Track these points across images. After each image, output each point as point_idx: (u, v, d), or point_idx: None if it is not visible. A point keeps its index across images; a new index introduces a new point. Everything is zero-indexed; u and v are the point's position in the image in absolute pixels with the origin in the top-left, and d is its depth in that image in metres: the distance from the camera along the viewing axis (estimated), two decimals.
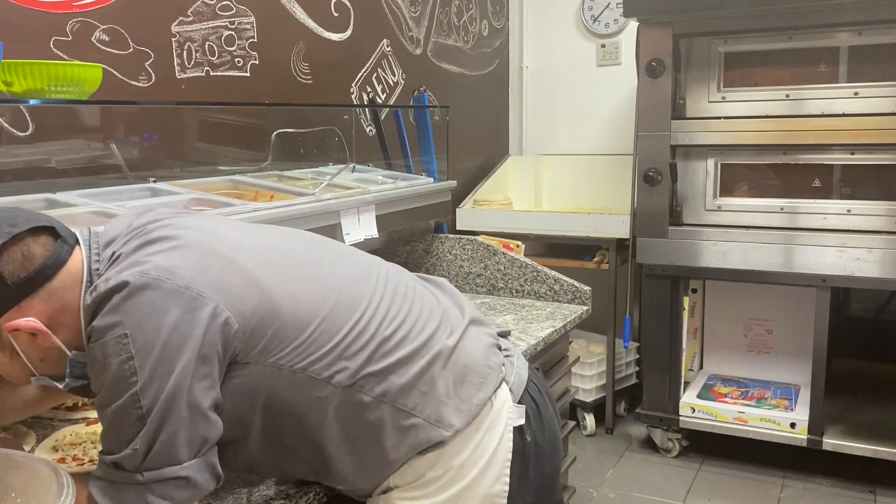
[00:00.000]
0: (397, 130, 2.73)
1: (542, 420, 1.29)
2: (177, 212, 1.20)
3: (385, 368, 1.13)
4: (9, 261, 1.00)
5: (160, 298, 0.98)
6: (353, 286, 1.17)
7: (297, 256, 1.18)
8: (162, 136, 2.06)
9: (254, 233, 1.19)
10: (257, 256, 1.11)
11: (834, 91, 2.89)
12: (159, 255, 1.03)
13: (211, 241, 1.09)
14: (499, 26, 4.03)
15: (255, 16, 2.35)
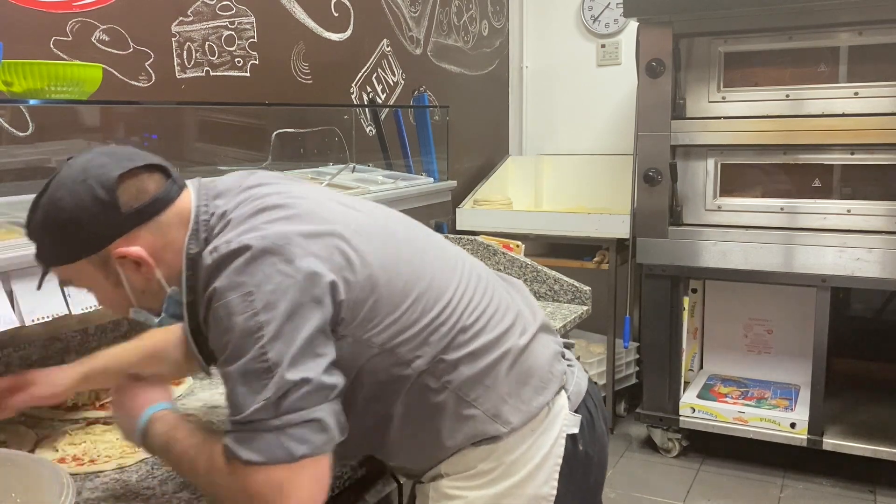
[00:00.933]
0: (397, 130, 2.73)
1: (594, 432, 1.31)
2: (282, 177, 1.23)
3: (458, 358, 1.15)
4: (124, 191, 1.07)
5: (281, 262, 1.02)
6: (441, 273, 1.20)
7: (396, 235, 1.21)
8: (162, 136, 2.06)
9: (357, 207, 1.22)
10: (362, 231, 1.13)
11: (834, 91, 2.89)
12: (277, 223, 1.07)
13: (322, 213, 1.12)
14: (499, 26, 4.03)
15: (255, 16, 2.35)
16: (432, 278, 1.17)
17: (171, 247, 1.11)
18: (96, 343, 1.82)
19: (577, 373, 1.34)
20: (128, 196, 1.07)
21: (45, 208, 1.07)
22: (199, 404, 1.61)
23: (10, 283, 1.26)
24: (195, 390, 1.69)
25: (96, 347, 1.81)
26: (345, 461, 1.29)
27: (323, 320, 1.03)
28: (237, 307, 1.00)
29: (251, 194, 1.13)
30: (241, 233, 1.05)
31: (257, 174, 1.20)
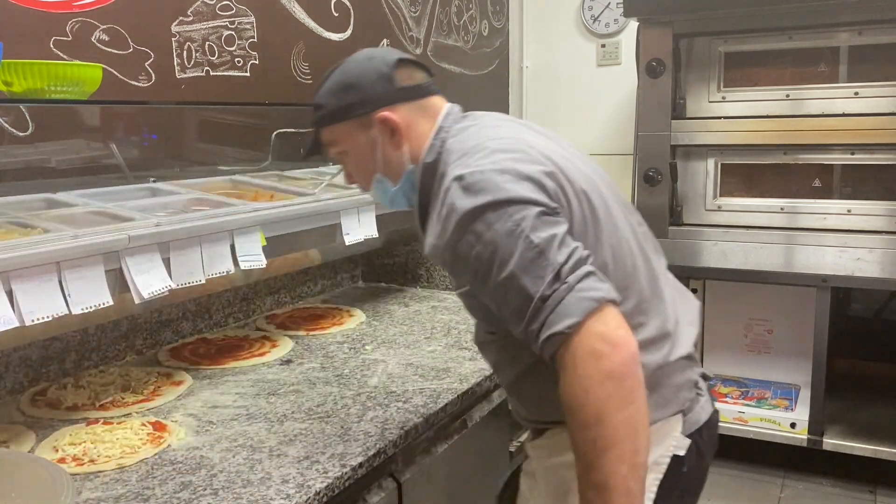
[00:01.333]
0: None
1: (700, 461, 1.32)
2: (504, 118, 1.39)
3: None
4: (400, 72, 1.31)
5: (525, 185, 1.14)
6: (636, 239, 1.30)
7: (609, 191, 1.32)
8: (162, 136, 2.06)
9: (574, 157, 1.34)
10: (582, 177, 1.26)
11: (834, 91, 2.89)
12: (508, 160, 1.18)
13: (552, 156, 1.24)
14: (499, 26, 4.03)
15: (255, 16, 2.35)
16: (630, 243, 1.27)
17: (420, 132, 1.30)
18: (96, 343, 1.83)
19: (704, 403, 1.33)
20: (401, 76, 1.31)
21: (335, 77, 1.32)
22: (198, 404, 1.61)
23: (9, 283, 1.26)
24: (195, 390, 1.69)
25: (96, 347, 1.82)
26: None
27: (562, 225, 1.14)
28: (493, 217, 1.11)
29: (484, 133, 1.27)
30: (479, 159, 1.18)
31: (493, 115, 1.38)
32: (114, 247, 1.42)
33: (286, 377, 1.77)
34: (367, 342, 2.04)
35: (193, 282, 1.59)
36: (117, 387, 1.68)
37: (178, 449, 1.39)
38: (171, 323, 2.02)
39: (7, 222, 1.43)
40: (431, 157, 1.28)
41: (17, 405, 1.60)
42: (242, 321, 2.25)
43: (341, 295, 2.60)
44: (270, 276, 2.33)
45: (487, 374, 1.77)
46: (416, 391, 1.66)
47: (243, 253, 1.70)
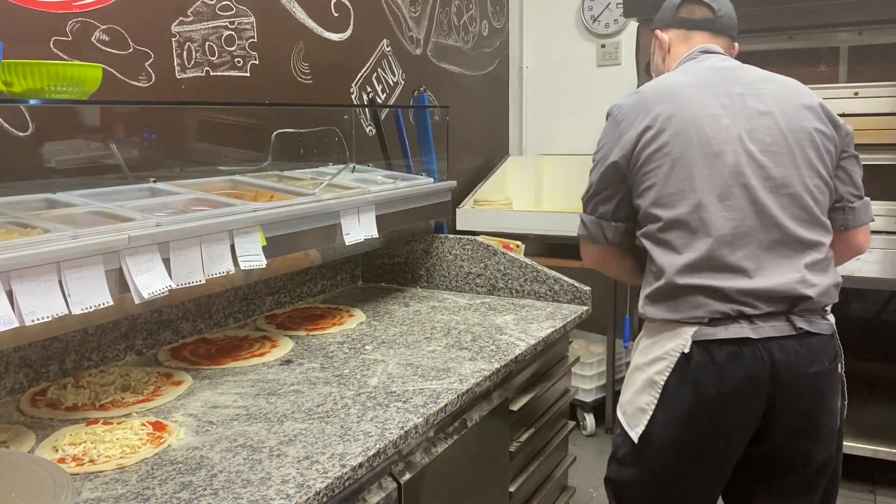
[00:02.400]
0: (397, 130, 2.73)
1: (715, 368, 1.56)
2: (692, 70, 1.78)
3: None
4: (683, 8, 1.84)
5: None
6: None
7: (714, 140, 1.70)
8: (162, 136, 2.06)
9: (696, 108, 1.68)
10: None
11: (834, 91, 2.88)
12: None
13: (663, 113, 1.67)
14: (499, 26, 4.03)
15: (255, 16, 2.35)
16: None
17: (671, 58, 1.85)
18: (96, 343, 1.83)
19: (731, 328, 1.55)
20: (683, 11, 1.83)
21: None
22: (198, 404, 1.61)
23: (10, 283, 1.26)
24: (195, 390, 1.69)
25: (96, 347, 1.82)
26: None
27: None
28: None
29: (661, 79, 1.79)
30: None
31: (696, 65, 1.80)
32: (114, 247, 1.42)
33: (286, 377, 1.77)
34: (367, 342, 2.04)
35: (193, 282, 1.59)
36: (117, 387, 1.68)
37: (178, 449, 1.39)
38: (171, 323, 2.02)
39: (7, 222, 1.43)
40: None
41: (17, 405, 1.60)
42: (242, 321, 2.25)
43: (341, 295, 2.60)
44: (270, 276, 2.33)
45: (487, 374, 1.77)
46: (416, 391, 1.66)
47: (243, 253, 1.70)
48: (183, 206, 1.75)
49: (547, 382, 2.20)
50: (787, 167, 1.60)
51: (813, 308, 1.57)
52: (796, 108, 1.67)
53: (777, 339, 1.54)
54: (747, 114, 1.62)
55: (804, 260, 1.57)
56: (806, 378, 1.56)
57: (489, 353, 1.92)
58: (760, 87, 1.69)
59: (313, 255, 2.44)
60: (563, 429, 2.41)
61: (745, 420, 1.58)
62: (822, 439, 1.63)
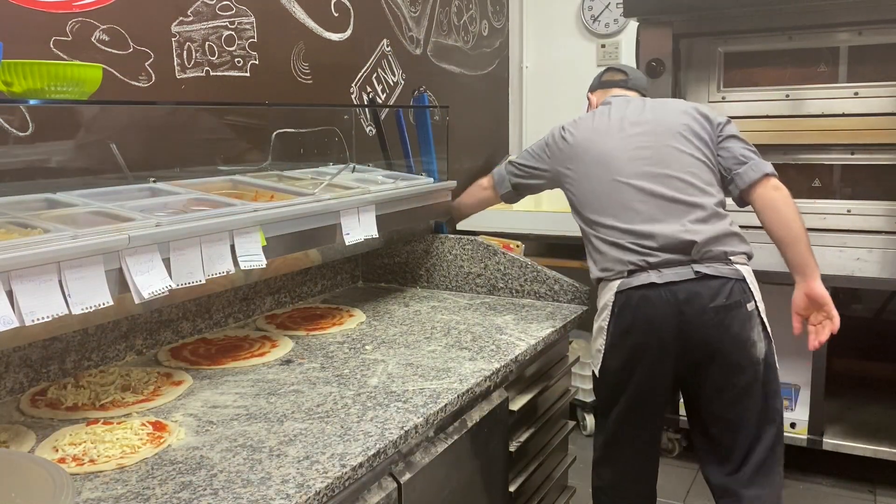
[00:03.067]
0: (397, 130, 2.73)
1: (635, 310, 2.01)
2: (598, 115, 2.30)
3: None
4: (606, 74, 2.44)
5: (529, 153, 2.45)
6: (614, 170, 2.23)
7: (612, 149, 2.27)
8: (162, 136, 2.06)
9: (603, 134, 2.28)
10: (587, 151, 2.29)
11: (834, 91, 2.89)
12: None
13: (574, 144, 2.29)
14: (499, 26, 4.03)
15: (255, 16, 2.35)
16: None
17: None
18: (96, 343, 1.83)
19: (643, 277, 2.00)
20: (605, 77, 2.42)
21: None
22: (198, 404, 1.61)
23: (10, 283, 1.26)
24: (195, 390, 1.69)
25: (96, 347, 1.82)
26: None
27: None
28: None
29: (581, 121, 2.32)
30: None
31: (600, 111, 2.30)
32: (114, 247, 1.42)
33: (286, 377, 1.77)
34: (367, 342, 2.04)
35: (193, 282, 1.59)
36: (117, 387, 1.68)
37: (178, 449, 1.39)
38: (171, 323, 2.02)
39: (7, 222, 1.43)
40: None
41: (17, 405, 1.60)
42: (242, 321, 2.25)
43: (341, 295, 2.60)
44: (270, 276, 2.33)
45: (487, 374, 1.77)
46: (416, 391, 1.66)
47: (243, 253, 1.70)
48: (183, 206, 1.75)
49: (547, 382, 2.20)
50: (660, 159, 2.08)
51: (714, 255, 2.00)
52: (670, 114, 2.17)
53: (680, 282, 1.96)
54: (631, 131, 2.15)
55: (688, 217, 2.02)
56: (706, 312, 1.96)
57: (489, 353, 1.92)
58: (644, 110, 2.20)
59: (313, 255, 2.44)
60: (563, 429, 2.41)
61: (663, 346, 1.99)
62: (737, 367, 1.99)
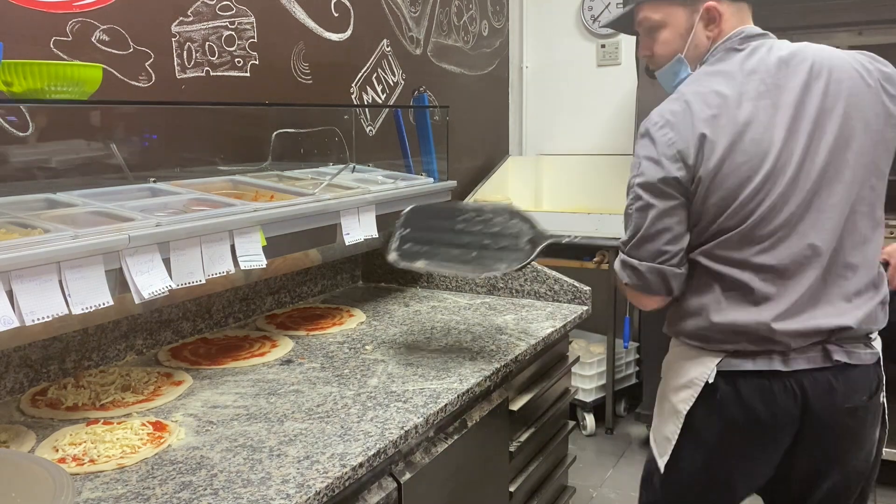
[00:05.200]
0: (397, 130, 2.73)
1: (740, 401, 1.50)
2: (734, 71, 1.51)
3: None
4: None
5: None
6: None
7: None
8: (162, 136, 2.06)
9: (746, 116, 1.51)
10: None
11: None
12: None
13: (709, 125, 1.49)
14: (499, 26, 4.03)
15: (255, 16, 2.35)
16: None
17: (725, 31, 1.54)
18: (96, 343, 1.83)
19: (769, 363, 1.49)
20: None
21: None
22: (199, 404, 1.61)
23: (10, 283, 1.26)
24: (195, 390, 1.69)
25: (96, 347, 1.82)
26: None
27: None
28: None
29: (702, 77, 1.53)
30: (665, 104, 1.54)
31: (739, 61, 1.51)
32: (114, 247, 1.42)
33: (286, 377, 1.77)
34: (367, 342, 2.04)
35: (193, 282, 1.59)
36: (117, 387, 1.68)
37: (179, 449, 1.39)
38: (171, 323, 2.02)
39: (7, 222, 1.43)
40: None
41: (17, 405, 1.60)
42: (242, 321, 2.25)
43: (341, 295, 2.60)
44: (270, 276, 2.33)
45: (487, 374, 1.77)
46: (416, 391, 1.66)
47: (243, 253, 1.70)
48: (183, 206, 1.75)
49: (547, 382, 2.20)
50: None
51: (856, 337, 1.48)
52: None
53: (809, 370, 1.47)
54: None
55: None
56: (837, 412, 1.48)
57: (489, 353, 1.92)
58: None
59: (313, 255, 2.44)
60: (563, 429, 2.41)
61: (772, 450, 1.53)
62: (848, 474, 1.55)
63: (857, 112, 1.45)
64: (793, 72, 1.47)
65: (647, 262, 1.52)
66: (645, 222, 1.50)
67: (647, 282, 1.53)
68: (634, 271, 1.54)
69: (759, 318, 1.45)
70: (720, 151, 1.43)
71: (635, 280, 1.54)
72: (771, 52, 1.49)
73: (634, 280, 1.54)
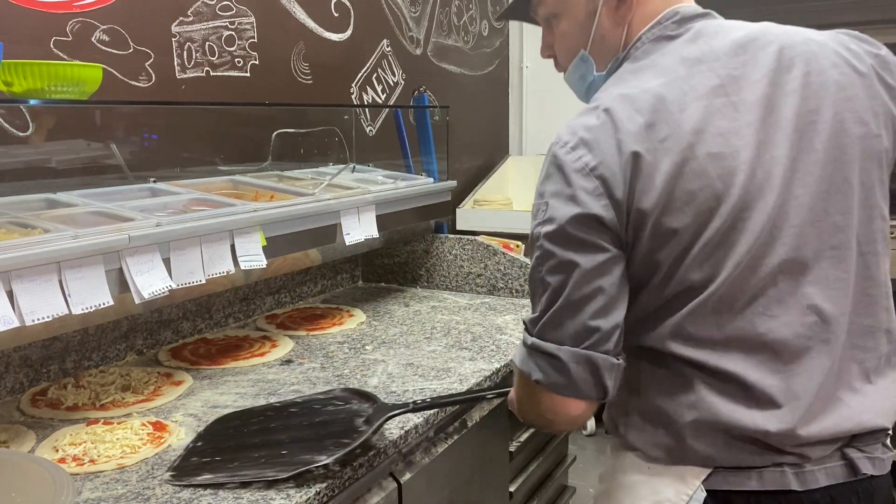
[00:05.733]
0: (397, 130, 2.74)
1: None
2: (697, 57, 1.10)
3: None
4: None
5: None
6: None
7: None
8: (162, 136, 2.06)
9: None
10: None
11: None
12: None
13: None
14: (499, 26, 4.03)
15: (255, 16, 2.35)
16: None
17: (643, 16, 1.12)
18: (96, 343, 1.83)
19: (781, 479, 1.07)
20: None
21: None
22: (199, 404, 1.61)
23: (10, 283, 1.26)
24: (195, 390, 1.69)
25: (96, 347, 1.82)
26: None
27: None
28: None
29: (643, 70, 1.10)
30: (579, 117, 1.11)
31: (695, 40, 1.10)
32: (114, 247, 1.42)
33: (286, 377, 1.77)
34: (367, 342, 2.04)
35: (193, 282, 1.59)
36: (117, 387, 1.68)
37: (179, 449, 1.39)
38: (171, 323, 2.02)
39: (7, 222, 1.43)
40: (613, 65, 1.16)
41: (17, 405, 1.60)
42: (242, 321, 2.25)
43: (341, 295, 2.60)
44: (270, 276, 2.33)
45: (487, 375, 1.77)
46: (416, 391, 1.66)
47: (243, 253, 1.70)
48: (183, 206, 1.75)
49: None
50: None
51: (876, 435, 1.10)
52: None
53: (829, 488, 1.07)
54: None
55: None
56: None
57: (489, 353, 1.92)
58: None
59: (313, 255, 2.44)
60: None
61: None
62: None
63: (852, 114, 1.06)
64: (752, 59, 1.07)
65: (568, 347, 1.04)
66: (564, 289, 1.03)
67: (570, 377, 1.04)
68: (551, 361, 1.05)
69: (761, 425, 1.03)
70: (664, 176, 0.99)
71: (553, 376, 1.05)
72: (720, 34, 1.09)
73: (552, 376, 1.05)
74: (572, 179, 1.04)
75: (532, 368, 1.08)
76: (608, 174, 1.01)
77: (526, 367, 1.09)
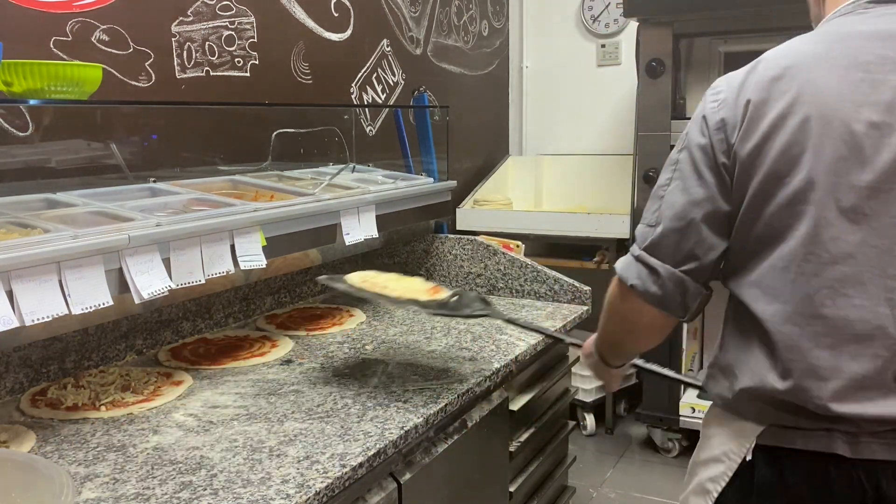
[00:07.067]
0: (397, 130, 2.73)
1: (783, 483, 1.13)
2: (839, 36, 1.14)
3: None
4: None
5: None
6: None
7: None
8: (162, 136, 2.06)
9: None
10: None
11: None
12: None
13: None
14: (499, 26, 4.03)
15: (255, 16, 2.35)
16: None
17: (831, 3, 1.17)
18: (96, 343, 1.83)
19: (841, 445, 1.09)
20: None
21: None
22: (198, 404, 1.61)
23: (10, 283, 1.26)
24: (195, 390, 1.69)
25: (96, 347, 1.82)
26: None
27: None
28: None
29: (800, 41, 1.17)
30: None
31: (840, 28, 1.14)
32: (114, 247, 1.42)
33: (286, 377, 1.77)
34: (367, 342, 2.04)
35: (193, 282, 1.59)
36: (117, 387, 1.68)
37: (179, 449, 1.39)
38: (171, 323, 2.02)
39: (7, 222, 1.43)
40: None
41: (17, 405, 1.60)
42: (242, 321, 2.25)
43: (341, 295, 2.60)
44: (270, 276, 2.33)
45: (487, 374, 1.77)
46: (416, 391, 1.66)
47: (243, 253, 1.70)
48: (183, 206, 1.75)
49: (547, 382, 2.20)
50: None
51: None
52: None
53: (886, 462, 1.07)
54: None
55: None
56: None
57: (489, 353, 1.92)
58: None
59: (313, 255, 2.44)
60: (563, 429, 2.41)
61: None
62: None
63: None
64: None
65: (669, 266, 1.15)
66: (676, 210, 1.14)
67: (663, 290, 1.16)
68: (651, 273, 1.17)
69: (816, 393, 1.06)
70: (768, 123, 1.07)
71: (649, 285, 1.17)
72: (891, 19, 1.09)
73: (648, 285, 1.17)
74: (707, 115, 1.15)
75: (631, 275, 1.19)
76: (728, 115, 1.12)
77: (626, 273, 1.20)
